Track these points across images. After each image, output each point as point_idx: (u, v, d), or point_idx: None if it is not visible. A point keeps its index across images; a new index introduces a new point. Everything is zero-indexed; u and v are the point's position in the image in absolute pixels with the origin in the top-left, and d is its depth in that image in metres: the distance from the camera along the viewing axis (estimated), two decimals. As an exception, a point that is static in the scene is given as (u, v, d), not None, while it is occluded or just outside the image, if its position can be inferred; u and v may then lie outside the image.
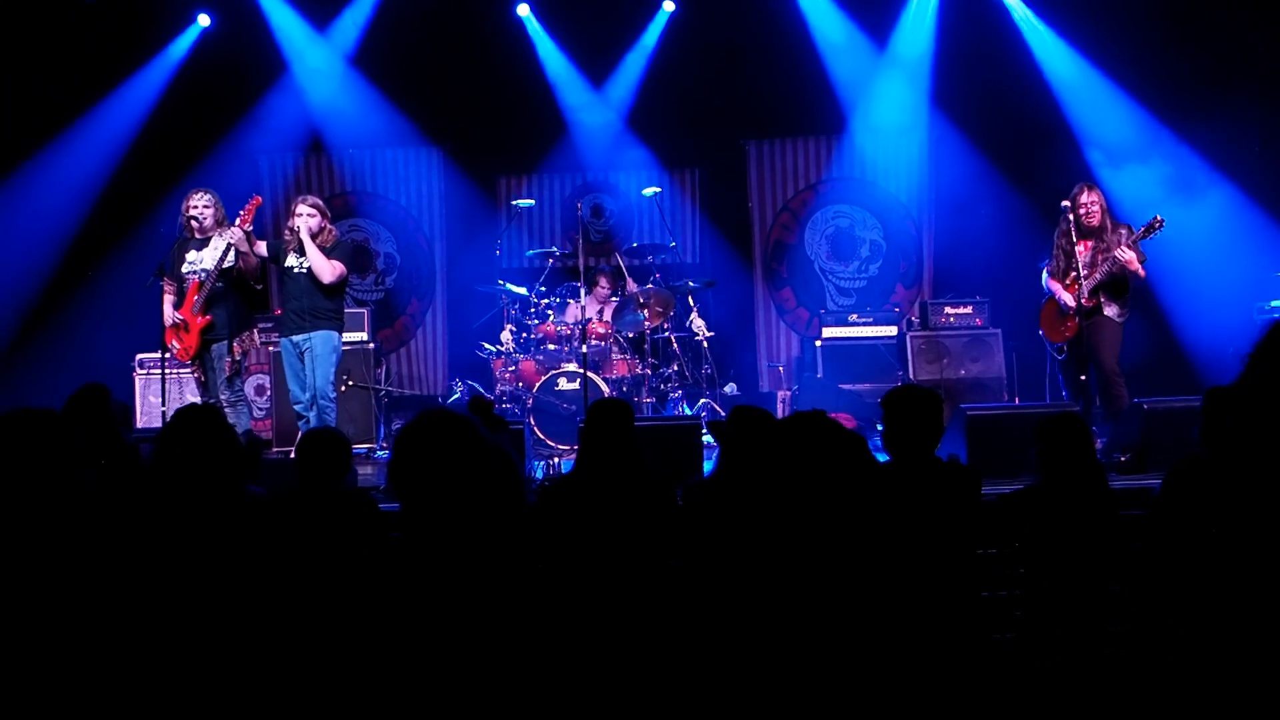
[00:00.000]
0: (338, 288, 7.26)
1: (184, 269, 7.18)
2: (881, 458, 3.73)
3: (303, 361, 7.22)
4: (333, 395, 7.24)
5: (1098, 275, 7.35)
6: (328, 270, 7.14)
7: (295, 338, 7.24)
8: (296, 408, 7.33)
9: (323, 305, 7.23)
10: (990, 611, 3.90)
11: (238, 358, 7.19)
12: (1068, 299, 7.49)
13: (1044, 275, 7.77)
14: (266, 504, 3.85)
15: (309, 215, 7.21)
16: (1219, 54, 9.66)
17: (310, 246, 7.12)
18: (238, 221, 7.10)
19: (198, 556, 3.36)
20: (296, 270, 7.23)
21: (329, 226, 7.34)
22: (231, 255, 7.10)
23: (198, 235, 7.21)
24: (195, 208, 7.20)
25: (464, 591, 2.76)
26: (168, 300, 7.23)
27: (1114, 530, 3.92)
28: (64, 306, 10.19)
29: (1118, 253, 7.28)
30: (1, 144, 9.91)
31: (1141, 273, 7.37)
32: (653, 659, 3.46)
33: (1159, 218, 7.35)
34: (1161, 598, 3.47)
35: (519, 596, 2.95)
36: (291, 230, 7.24)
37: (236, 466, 3.64)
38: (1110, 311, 7.41)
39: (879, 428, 4.33)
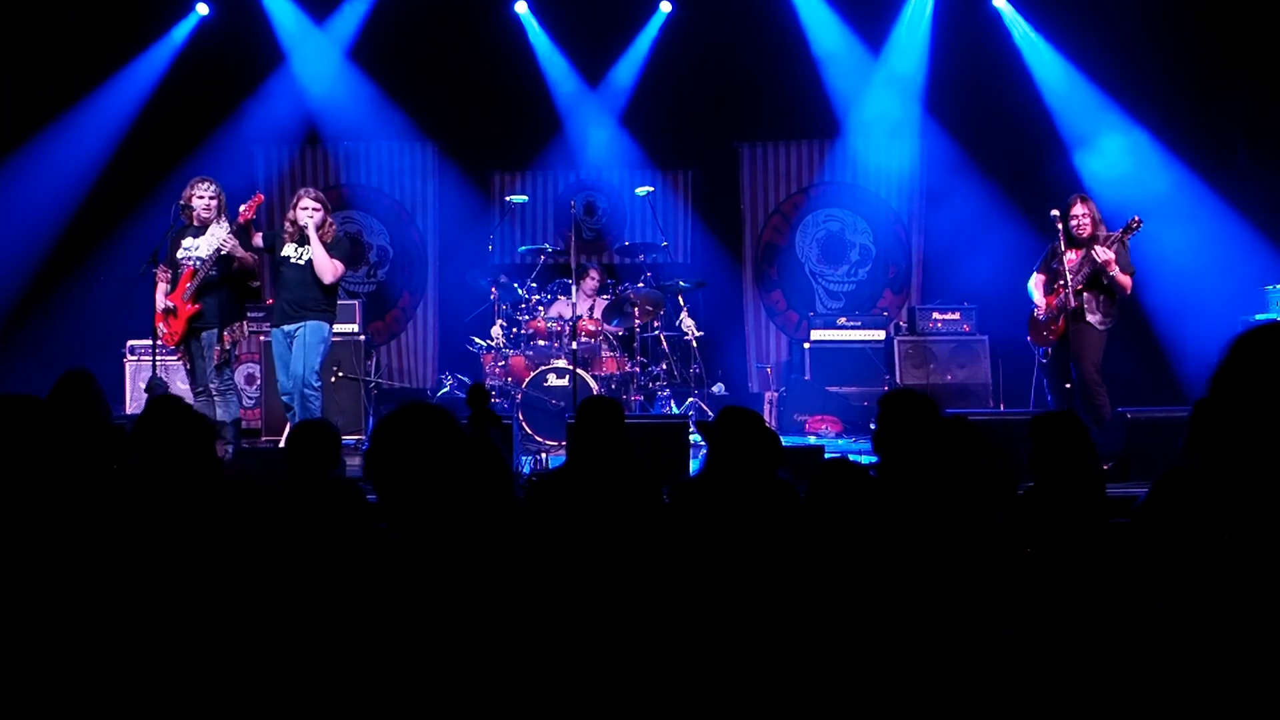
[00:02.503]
0: (335, 283, 7.30)
1: (179, 254, 7.17)
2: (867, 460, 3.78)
3: (292, 351, 7.24)
4: (317, 384, 7.22)
5: (1080, 277, 7.43)
6: (329, 271, 7.18)
7: (286, 327, 7.25)
8: (284, 398, 7.33)
9: (316, 296, 7.24)
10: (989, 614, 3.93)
11: (227, 347, 7.17)
12: (1039, 303, 7.64)
13: (1031, 279, 7.87)
14: (265, 493, 3.87)
15: (314, 209, 7.22)
16: (1205, 67, 9.73)
17: (318, 246, 7.13)
18: (239, 216, 7.12)
19: (185, 546, 3.39)
20: (293, 260, 7.25)
21: (330, 220, 7.36)
22: (216, 241, 7.09)
23: (196, 223, 7.21)
24: (201, 197, 7.16)
25: (448, 583, 2.79)
26: (161, 286, 7.24)
27: (1107, 534, 3.95)
28: (57, 292, 10.18)
29: (1096, 251, 7.37)
30: (-2, 129, 9.92)
31: (1120, 278, 7.43)
32: (638, 654, 3.49)
33: (1137, 218, 7.45)
34: (1147, 607, 3.51)
35: (507, 590, 2.98)
36: (293, 222, 7.24)
37: (208, 454, 3.66)
38: (1093, 319, 7.47)
39: (872, 427, 4.38)
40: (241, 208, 7.17)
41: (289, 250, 7.27)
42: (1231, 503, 3.36)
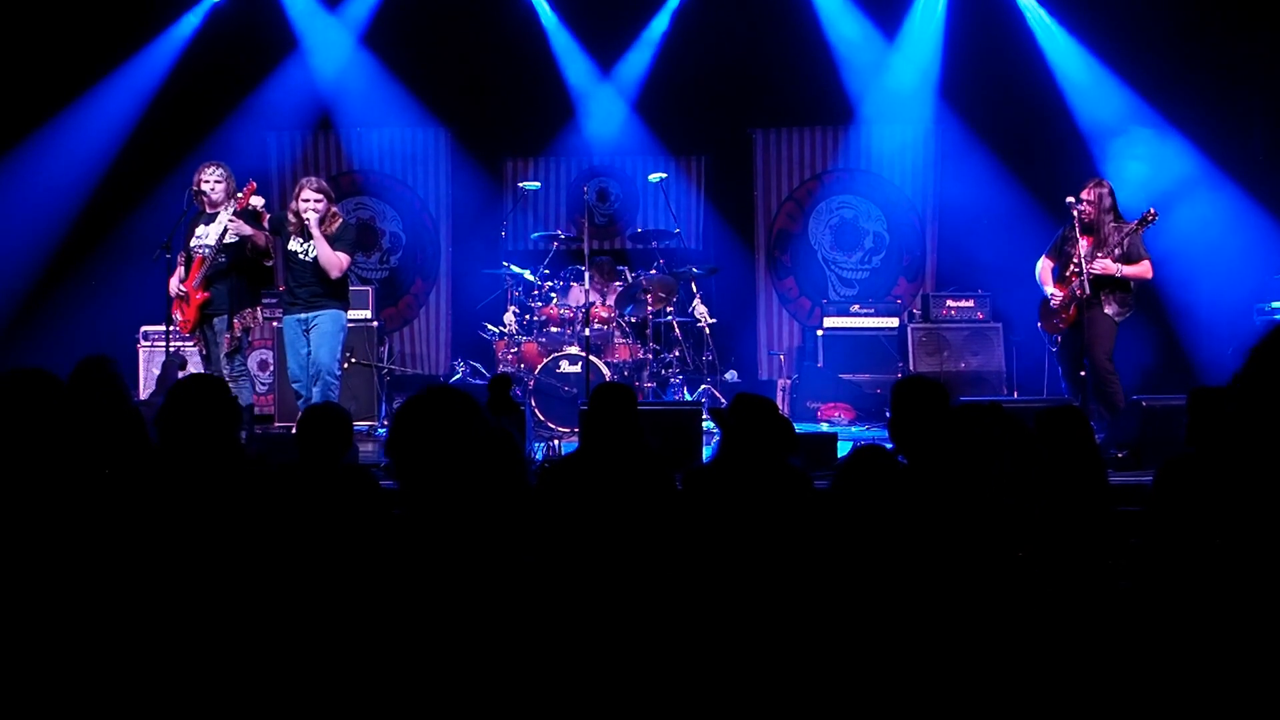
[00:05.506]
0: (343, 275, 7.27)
1: (192, 242, 7.19)
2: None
3: (307, 339, 7.19)
4: (338, 373, 7.22)
5: (1093, 270, 7.40)
6: (335, 266, 7.10)
7: (301, 316, 7.21)
8: (295, 386, 7.32)
9: (329, 287, 7.20)
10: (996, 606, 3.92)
11: (237, 334, 7.17)
12: (1053, 292, 7.62)
13: (1039, 263, 7.85)
14: (271, 473, 3.87)
15: (315, 201, 7.11)
16: (1225, 56, 9.67)
17: (320, 242, 7.05)
18: (233, 206, 7.09)
19: (201, 528, 3.39)
20: (301, 255, 7.17)
21: (334, 209, 7.27)
22: (221, 228, 7.09)
23: (208, 209, 7.21)
24: (206, 181, 7.17)
25: (462, 569, 2.79)
26: (176, 273, 7.25)
27: (1112, 525, 3.94)
28: (71, 278, 10.21)
29: (1095, 264, 7.35)
30: (11, 115, 9.91)
31: (1131, 272, 7.41)
32: (651, 641, 3.49)
33: (1152, 210, 7.41)
34: (1160, 593, 3.50)
35: (519, 576, 2.98)
36: (296, 214, 7.16)
37: (236, 435, 3.66)
38: (1110, 310, 7.45)
39: (887, 415, 4.37)
40: (236, 196, 7.15)
41: (295, 245, 7.19)
42: (1237, 484, 3.35)
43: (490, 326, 9.45)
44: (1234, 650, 3.14)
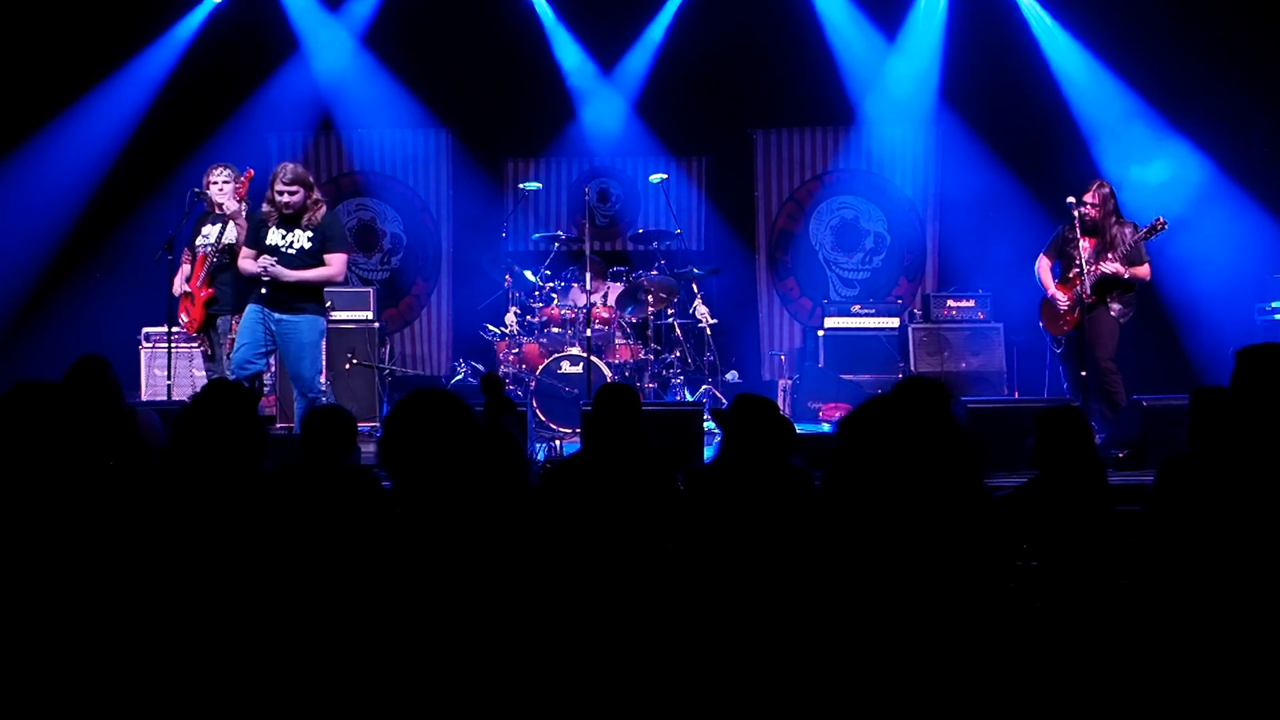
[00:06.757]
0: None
1: (197, 241, 7.23)
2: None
3: (269, 337, 6.75)
4: (323, 386, 6.96)
5: (1097, 271, 7.40)
6: (338, 275, 6.90)
7: (276, 314, 6.73)
8: (238, 373, 6.68)
9: (309, 290, 6.83)
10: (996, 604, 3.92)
11: (233, 336, 7.16)
12: (1057, 295, 7.62)
13: (1038, 261, 7.85)
14: (279, 479, 3.87)
15: (290, 193, 6.71)
16: (1226, 56, 9.67)
17: (310, 274, 6.77)
18: (232, 198, 7.09)
19: (207, 531, 3.40)
20: (284, 249, 6.77)
21: (315, 197, 6.86)
22: (231, 234, 7.09)
23: (216, 210, 7.23)
24: (215, 183, 7.19)
25: (463, 570, 2.79)
26: (182, 271, 7.27)
27: (1112, 524, 3.95)
28: (72, 279, 10.22)
29: (1103, 265, 7.36)
30: (13, 116, 9.92)
31: (1135, 274, 7.43)
32: (653, 640, 3.50)
33: (1161, 219, 7.41)
34: (1161, 591, 3.51)
35: (521, 575, 2.98)
36: (270, 201, 6.78)
37: (257, 445, 3.66)
38: (1114, 310, 7.47)
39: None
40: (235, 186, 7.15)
41: (275, 238, 6.79)
42: (1236, 487, 3.37)
43: (491, 327, 9.45)
44: (1234, 648, 3.15)
